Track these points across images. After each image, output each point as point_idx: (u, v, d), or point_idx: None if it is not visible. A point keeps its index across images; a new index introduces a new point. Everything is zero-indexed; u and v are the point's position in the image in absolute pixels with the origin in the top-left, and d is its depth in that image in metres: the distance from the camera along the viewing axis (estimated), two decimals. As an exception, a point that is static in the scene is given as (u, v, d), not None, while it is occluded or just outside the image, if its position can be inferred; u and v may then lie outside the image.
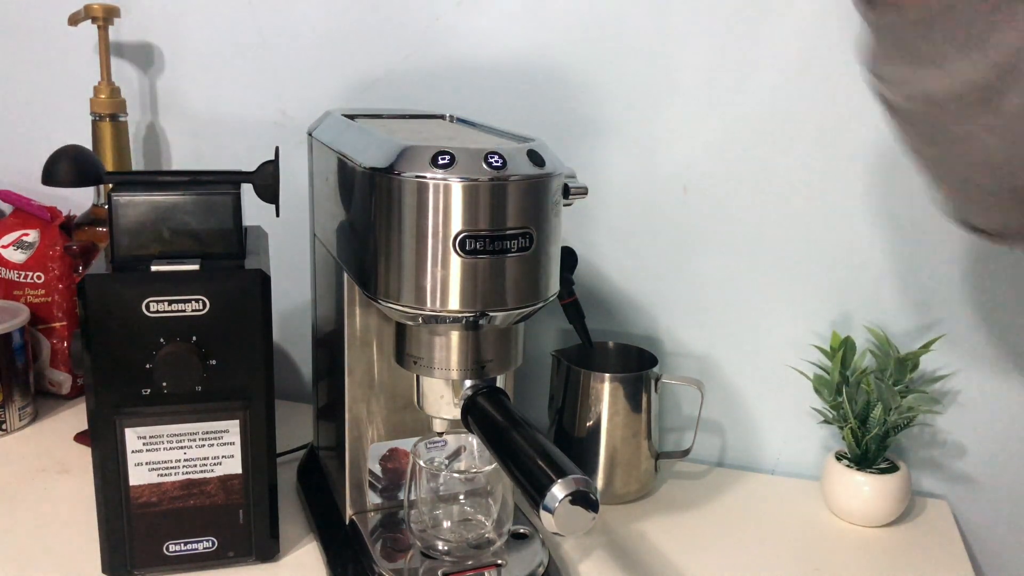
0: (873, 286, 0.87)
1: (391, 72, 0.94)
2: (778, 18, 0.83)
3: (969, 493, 0.90)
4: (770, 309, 0.90)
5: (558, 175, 0.59)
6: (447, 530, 0.70)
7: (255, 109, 0.99)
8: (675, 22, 0.85)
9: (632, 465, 0.85)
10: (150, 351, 0.64)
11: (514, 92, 0.91)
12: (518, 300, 0.58)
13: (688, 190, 0.89)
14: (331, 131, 0.70)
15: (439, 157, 0.55)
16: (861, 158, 0.84)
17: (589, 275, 0.94)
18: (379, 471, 0.73)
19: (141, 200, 0.66)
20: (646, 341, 0.94)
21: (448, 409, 0.64)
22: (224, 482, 0.69)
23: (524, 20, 0.89)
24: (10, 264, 0.99)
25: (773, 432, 0.94)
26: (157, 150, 1.04)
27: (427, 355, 0.62)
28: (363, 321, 0.69)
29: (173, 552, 0.69)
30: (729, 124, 0.87)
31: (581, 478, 0.51)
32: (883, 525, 0.84)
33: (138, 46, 1.01)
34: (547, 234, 0.59)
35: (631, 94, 0.88)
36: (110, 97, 0.94)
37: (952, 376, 0.88)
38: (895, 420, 0.81)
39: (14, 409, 0.93)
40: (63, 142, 0.68)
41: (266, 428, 0.69)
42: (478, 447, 0.72)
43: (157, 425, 0.66)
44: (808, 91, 0.84)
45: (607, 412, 0.84)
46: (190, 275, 0.64)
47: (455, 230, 0.55)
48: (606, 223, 0.92)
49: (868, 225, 0.86)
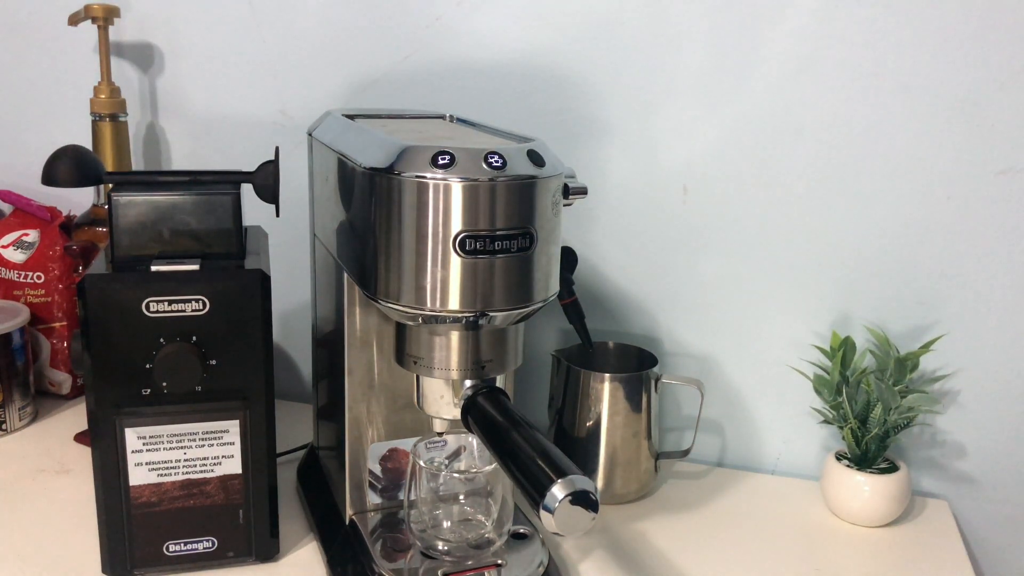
0: (873, 286, 0.87)
1: (391, 72, 0.94)
2: (778, 18, 0.83)
3: (969, 493, 0.90)
4: (770, 309, 0.90)
5: (558, 175, 0.59)
6: (447, 530, 0.70)
7: (255, 109, 0.99)
8: (675, 22, 0.86)
9: (632, 465, 0.85)
10: (150, 351, 0.64)
11: (514, 92, 0.91)
12: (518, 300, 0.58)
13: (688, 190, 0.90)
14: (331, 131, 0.70)
15: (439, 157, 0.55)
16: (861, 158, 0.84)
17: (589, 275, 0.94)
18: (379, 471, 0.73)
19: (141, 200, 0.66)
20: (646, 341, 0.94)
21: (448, 409, 0.64)
22: (224, 482, 0.69)
23: (524, 20, 0.89)
24: (10, 264, 0.99)
25: (773, 432, 0.94)
26: (157, 150, 1.04)
27: (427, 355, 0.62)
28: (363, 321, 0.69)
29: (173, 552, 0.69)
30: (729, 124, 0.87)
31: (581, 478, 0.51)
32: (883, 525, 0.84)
33: (138, 46, 1.01)
34: (547, 234, 0.59)
35: (631, 94, 0.88)
36: (110, 97, 0.94)
37: (952, 376, 0.88)
38: (895, 420, 0.81)
39: (14, 409, 0.93)
40: (63, 142, 0.68)
41: (266, 428, 0.69)
42: (478, 447, 0.72)
43: (157, 425, 0.66)
44: (808, 91, 0.84)
45: (607, 412, 0.84)
46: (190, 275, 0.64)
47: (455, 230, 0.55)
48: (606, 223, 0.92)
49: (868, 225, 0.86)
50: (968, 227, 0.84)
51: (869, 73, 0.82)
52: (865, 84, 0.83)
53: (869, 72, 0.82)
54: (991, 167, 0.82)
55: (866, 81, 0.82)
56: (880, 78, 0.82)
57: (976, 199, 0.83)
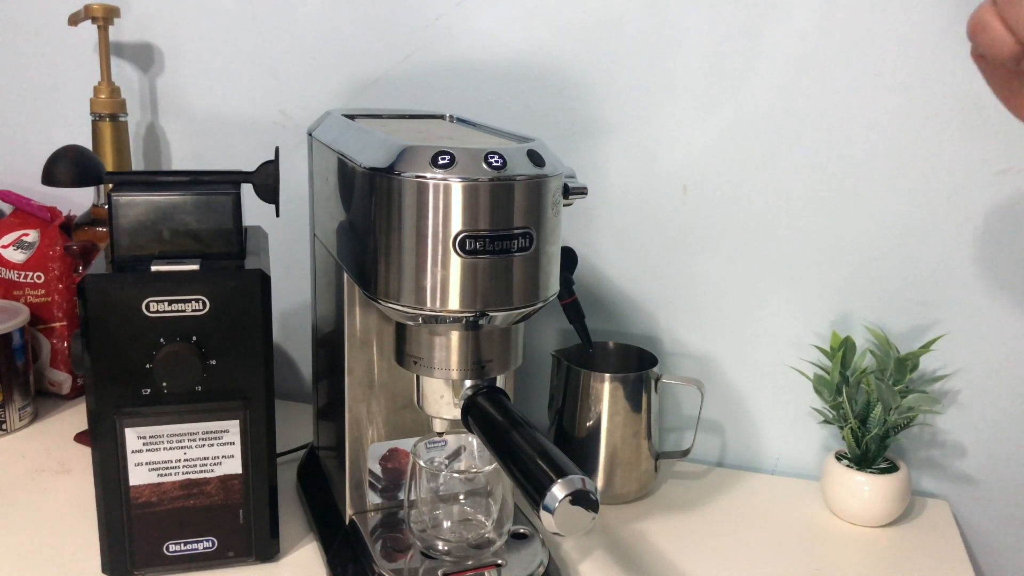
0: (873, 286, 0.87)
1: (391, 72, 0.94)
2: (778, 18, 0.83)
3: (969, 493, 0.90)
4: (770, 309, 0.90)
5: (558, 175, 0.59)
6: (447, 530, 0.70)
7: (255, 109, 0.99)
8: (675, 22, 0.86)
9: (632, 465, 0.85)
10: (150, 351, 0.64)
11: (514, 92, 0.91)
12: (518, 300, 0.58)
13: (688, 190, 0.89)
14: (331, 131, 0.70)
15: (439, 157, 0.55)
16: (861, 158, 0.84)
17: (589, 275, 0.94)
18: (379, 471, 0.73)
19: (141, 200, 0.66)
20: (646, 341, 0.94)
21: (448, 409, 0.64)
22: (224, 482, 0.69)
23: (524, 20, 0.89)
24: (10, 264, 0.99)
25: (773, 432, 0.94)
26: (157, 150, 1.04)
27: (427, 355, 0.62)
28: (363, 321, 0.69)
29: (173, 552, 0.69)
30: (729, 124, 0.87)
31: (581, 478, 0.51)
32: (883, 525, 0.84)
33: (138, 46, 1.01)
34: (547, 234, 0.59)
35: (631, 94, 0.88)
36: (110, 97, 0.94)
37: (952, 376, 0.88)
38: (895, 420, 0.81)
39: (14, 409, 0.93)
40: (63, 142, 0.68)
41: (266, 428, 0.69)
42: (478, 447, 0.72)
43: (157, 425, 0.66)
44: (808, 91, 0.84)
45: (607, 412, 0.84)
46: (190, 275, 0.64)
47: (455, 230, 0.55)
48: (606, 223, 0.92)
49: (868, 225, 0.86)
50: (968, 227, 0.84)
51: (869, 73, 0.82)
52: (865, 84, 0.83)
53: (869, 72, 0.82)
54: (991, 167, 0.82)
55: (866, 81, 0.82)
56: (880, 78, 0.82)
57: (976, 199, 0.83)
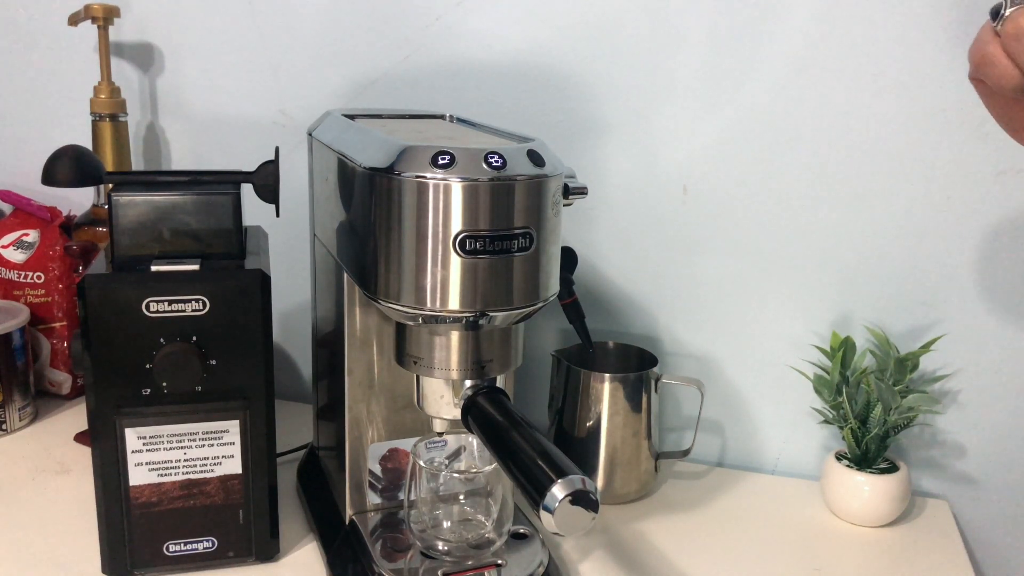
0: (873, 286, 0.87)
1: (391, 72, 0.94)
2: (778, 18, 0.83)
3: (969, 493, 0.90)
4: (770, 309, 0.90)
5: (558, 175, 0.59)
6: (447, 530, 0.70)
7: (255, 109, 0.99)
8: (675, 22, 0.85)
9: (632, 465, 0.85)
10: (150, 351, 0.64)
11: (514, 92, 0.91)
12: (518, 300, 0.58)
13: (688, 190, 0.89)
14: (331, 131, 0.70)
15: (439, 157, 0.55)
16: (861, 158, 0.84)
17: (589, 275, 0.94)
18: (379, 471, 0.73)
19: (141, 200, 0.66)
20: (646, 341, 0.94)
21: (448, 409, 0.64)
22: (224, 482, 0.69)
23: (524, 20, 0.89)
24: (10, 264, 0.99)
25: (773, 432, 0.94)
26: (157, 150, 1.04)
27: (427, 355, 0.62)
28: (363, 321, 0.69)
29: (173, 552, 0.69)
30: (729, 124, 0.87)
31: (581, 478, 0.51)
32: (883, 525, 0.84)
33: (138, 46, 1.01)
34: (547, 234, 0.59)
35: (631, 94, 0.88)
36: (110, 97, 0.94)
37: (952, 376, 0.88)
38: (895, 420, 0.81)
39: (14, 409, 0.93)
40: (63, 142, 0.68)
41: (266, 428, 0.69)
42: (478, 447, 0.71)
43: (157, 425, 0.66)
44: (808, 91, 0.84)
45: (607, 412, 0.84)
46: (190, 275, 0.64)
47: (455, 230, 0.55)
48: (606, 223, 0.92)
49: (868, 225, 0.86)
50: (968, 227, 0.84)
51: (869, 73, 0.82)
52: (865, 84, 0.83)
53: (869, 72, 0.82)
54: (991, 167, 0.82)
55: (866, 81, 0.82)
56: (880, 78, 0.82)
57: (976, 199, 0.83)
